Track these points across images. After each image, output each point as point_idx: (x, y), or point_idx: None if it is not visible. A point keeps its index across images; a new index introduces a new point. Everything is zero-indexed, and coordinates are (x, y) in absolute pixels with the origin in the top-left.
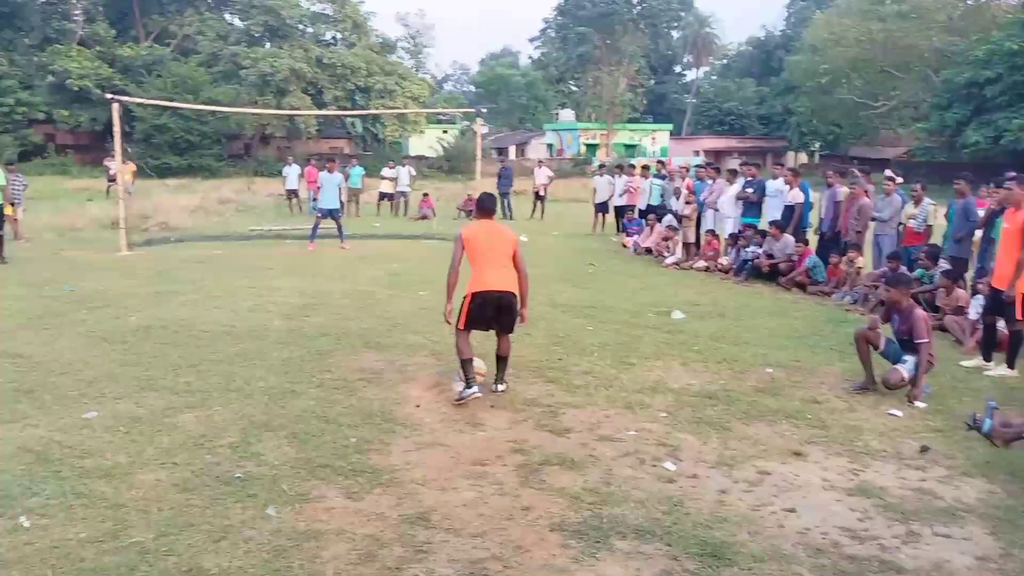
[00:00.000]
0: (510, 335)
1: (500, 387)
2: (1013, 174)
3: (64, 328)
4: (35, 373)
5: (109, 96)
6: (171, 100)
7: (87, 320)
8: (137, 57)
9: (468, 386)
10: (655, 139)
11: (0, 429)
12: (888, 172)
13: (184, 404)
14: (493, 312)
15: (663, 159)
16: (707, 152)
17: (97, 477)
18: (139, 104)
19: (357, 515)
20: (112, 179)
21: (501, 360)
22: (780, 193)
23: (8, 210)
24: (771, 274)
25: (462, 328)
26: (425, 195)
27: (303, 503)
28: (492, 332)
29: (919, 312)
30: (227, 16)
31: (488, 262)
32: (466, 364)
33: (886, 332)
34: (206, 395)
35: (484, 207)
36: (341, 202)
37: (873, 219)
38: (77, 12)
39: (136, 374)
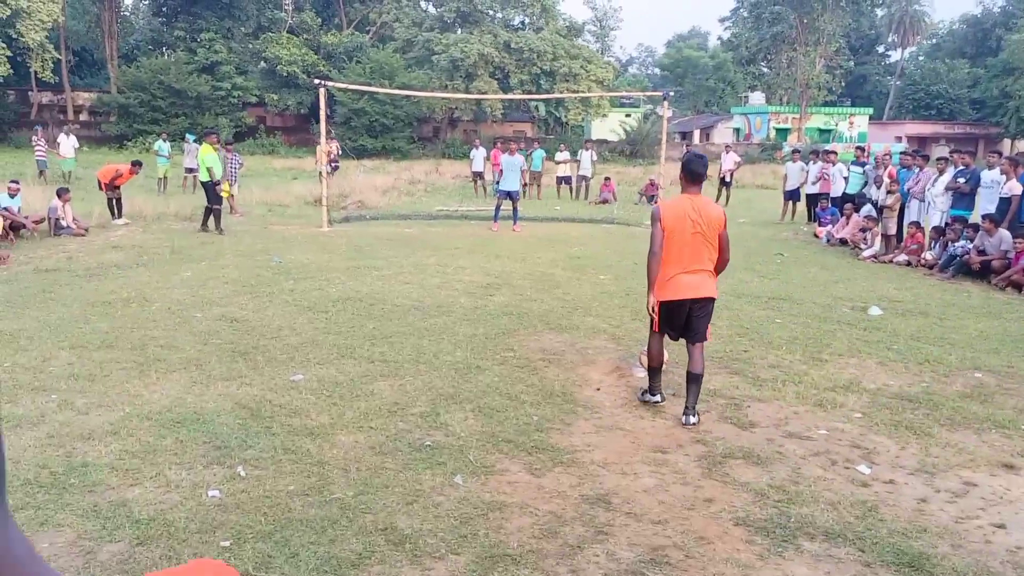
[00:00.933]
0: (703, 344)
1: (692, 419)
2: None
3: (273, 296)
4: (249, 336)
5: (317, 81)
6: (369, 85)
7: (293, 290)
8: (339, 44)
9: (652, 393)
10: (853, 123)
11: (220, 385)
12: None
13: (379, 372)
14: (684, 319)
15: (862, 145)
16: (910, 138)
17: (303, 435)
18: (341, 89)
19: (539, 491)
20: (333, 162)
21: (692, 381)
22: (996, 184)
23: (225, 186)
24: (982, 272)
25: (656, 329)
26: (607, 179)
27: (488, 475)
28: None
29: None
30: (422, 3)
31: (688, 254)
32: (653, 372)
33: None
34: (398, 365)
35: (693, 172)
36: (524, 185)
37: None
38: (287, 2)
39: (336, 342)
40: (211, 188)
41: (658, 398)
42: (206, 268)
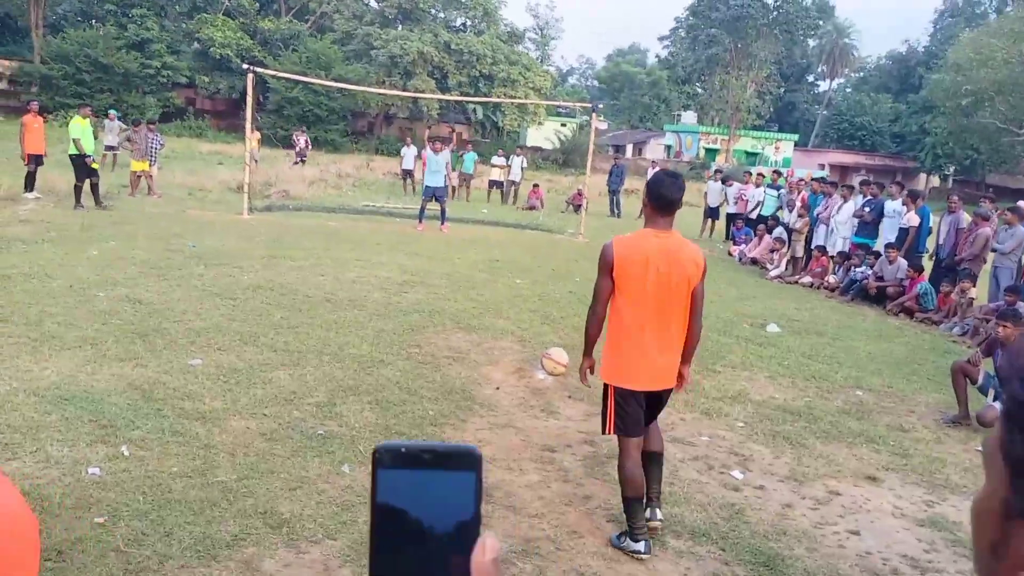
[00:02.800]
0: (659, 414)
1: (658, 515)
2: None
3: (182, 280)
4: (151, 319)
5: (246, 66)
6: (304, 74)
7: (204, 275)
8: (276, 31)
9: (635, 538)
10: (779, 148)
11: (115, 366)
12: (1020, 204)
13: (280, 361)
14: (648, 408)
15: (780, 170)
16: (833, 167)
17: (194, 419)
18: (273, 76)
19: None
20: (301, 154)
21: (653, 462)
22: (897, 214)
23: (144, 166)
24: (879, 297)
25: (610, 432)
26: (535, 186)
27: None
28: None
29: None
30: None
31: (651, 319)
32: (632, 505)
33: (987, 367)
34: (301, 355)
35: (662, 198)
36: (452, 185)
37: (993, 250)
38: None
39: (240, 329)
40: (80, 162)
41: (641, 547)
42: (116, 248)
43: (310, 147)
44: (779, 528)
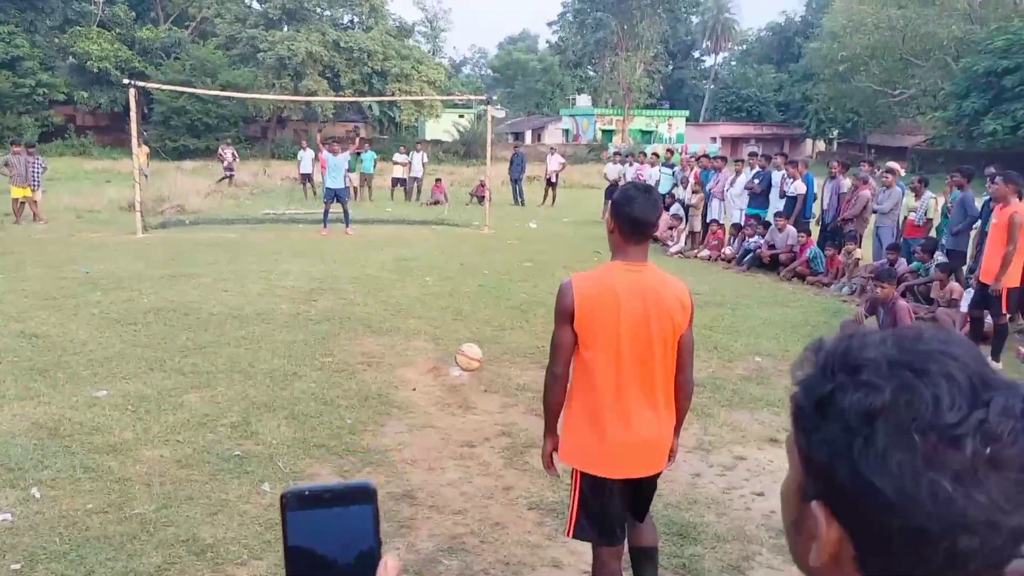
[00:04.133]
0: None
1: None
2: (992, 170)
3: (79, 309)
4: (49, 353)
5: (126, 81)
6: (189, 82)
7: (101, 301)
8: (156, 39)
9: None
10: (672, 125)
11: (16, 406)
12: (890, 164)
13: (190, 384)
14: (628, 502)
15: (671, 147)
16: (724, 139)
17: (104, 452)
18: (156, 89)
19: None
20: (228, 168)
21: (646, 558)
22: (787, 183)
23: (25, 192)
24: (772, 264)
25: (570, 535)
26: (438, 180)
27: (297, 480)
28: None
29: (901, 303)
30: None
31: (628, 379)
32: None
33: (871, 324)
34: (211, 376)
35: (635, 221)
36: (353, 187)
37: (874, 212)
38: None
39: (145, 355)
40: None
41: None
42: (3, 281)
43: (237, 159)
44: (690, 497)
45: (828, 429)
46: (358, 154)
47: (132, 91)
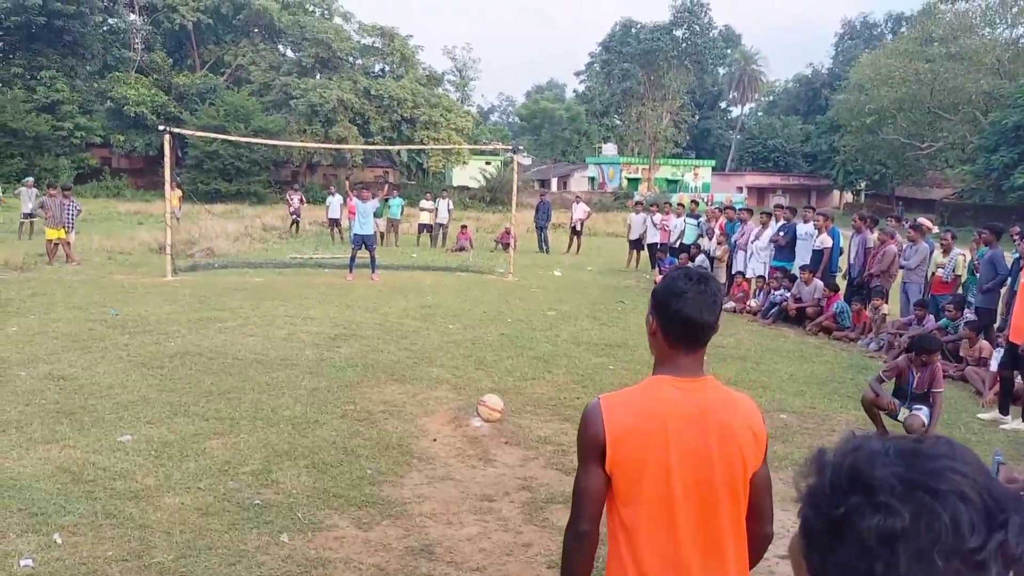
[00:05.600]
0: None
1: None
2: (1019, 228)
3: (106, 352)
4: (76, 396)
5: (162, 127)
6: (223, 127)
7: (128, 345)
8: (192, 85)
9: None
10: (697, 174)
11: (40, 449)
12: (920, 220)
13: (212, 431)
14: None
15: (696, 198)
16: (750, 189)
17: (126, 498)
18: (190, 135)
19: (365, 545)
20: (295, 213)
21: None
22: (810, 237)
23: (60, 233)
24: (798, 318)
25: None
26: (463, 227)
27: (315, 531)
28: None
29: (937, 364)
30: (280, 47)
31: (689, 536)
32: None
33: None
34: (234, 422)
35: (686, 321)
36: (379, 232)
37: (901, 267)
38: (137, 41)
39: (170, 399)
40: None
41: None
42: (35, 322)
43: (304, 204)
44: None
45: (846, 552)
46: (386, 200)
47: (167, 137)
